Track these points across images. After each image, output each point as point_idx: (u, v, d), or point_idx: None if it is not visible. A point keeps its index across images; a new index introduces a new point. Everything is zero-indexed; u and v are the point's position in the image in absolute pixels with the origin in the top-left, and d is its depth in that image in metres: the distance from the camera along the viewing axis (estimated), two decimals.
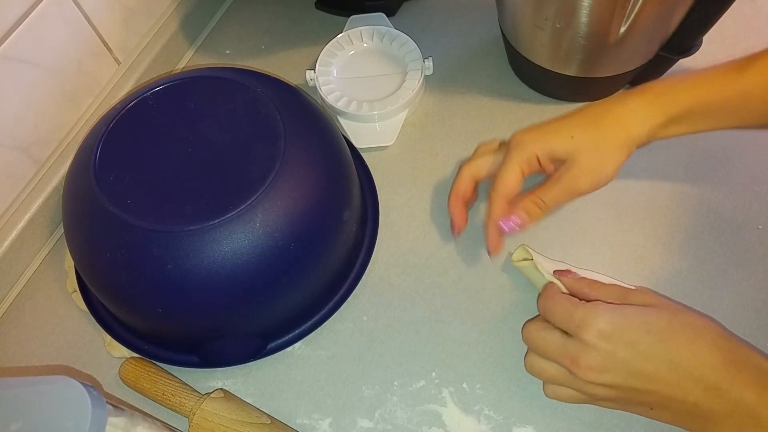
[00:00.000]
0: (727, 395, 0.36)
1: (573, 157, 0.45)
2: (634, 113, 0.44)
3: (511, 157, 0.46)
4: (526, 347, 0.43)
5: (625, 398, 0.39)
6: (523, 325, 0.44)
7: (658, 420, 0.40)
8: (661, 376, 0.37)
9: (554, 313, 0.41)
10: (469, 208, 0.52)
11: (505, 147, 0.49)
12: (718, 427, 0.37)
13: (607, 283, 0.45)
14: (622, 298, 0.42)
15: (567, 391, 0.41)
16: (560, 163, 0.46)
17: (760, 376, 0.36)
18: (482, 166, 0.50)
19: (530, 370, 0.43)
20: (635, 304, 0.40)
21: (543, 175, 0.49)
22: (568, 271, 0.47)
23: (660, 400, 0.38)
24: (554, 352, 0.40)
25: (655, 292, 0.41)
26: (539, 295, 0.44)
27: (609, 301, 0.41)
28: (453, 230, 0.51)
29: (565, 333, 0.40)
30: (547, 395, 0.42)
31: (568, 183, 0.45)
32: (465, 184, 0.50)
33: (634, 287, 0.42)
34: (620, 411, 0.42)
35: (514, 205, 0.47)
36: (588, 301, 0.41)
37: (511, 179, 0.46)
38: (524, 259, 0.49)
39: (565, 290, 0.44)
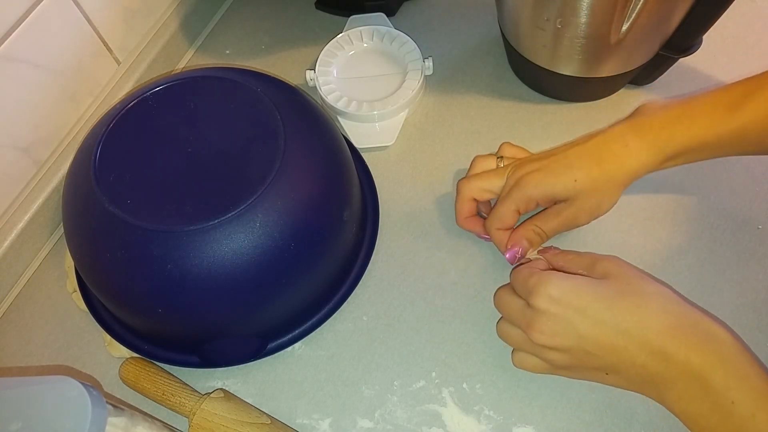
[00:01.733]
0: (674, 359, 0.37)
1: (574, 197, 0.46)
2: (635, 155, 0.45)
3: (510, 197, 0.48)
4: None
5: (579, 364, 0.41)
6: (495, 290, 0.46)
7: (614, 386, 0.41)
8: (609, 341, 0.39)
9: (515, 281, 0.44)
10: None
11: (503, 165, 0.51)
12: (668, 391, 0.38)
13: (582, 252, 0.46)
14: (589, 267, 0.43)
15: (530, 358, 0.43)
16: (558, 201, 0.48)
17: (707, 339, 0.37)
18: (481, 188, 0.50)
19: (499, 333, 0.45)
20: (596, 275, 0.42)
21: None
22: (550, 248, 0.49)
23: (612, 365, 0.39)
24: (514, 317, 0.43)
25: (626, 263, 0.42)
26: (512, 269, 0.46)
27: (575, 271, 0.44)
28: (482, 239, 0.53)
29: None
30: (514, 364, 0.44)
31: (568, 218, 0.47)
32: (467, 207, 0.51)
33: (606, 256, 0.43)
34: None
35: (514, 233, 0.48)
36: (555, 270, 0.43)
37: (508, 217, 0.48)
38: None
39: (545, 265, 0.46)
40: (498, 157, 0.52)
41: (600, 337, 0.39)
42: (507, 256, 0.48)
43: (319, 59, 0.62)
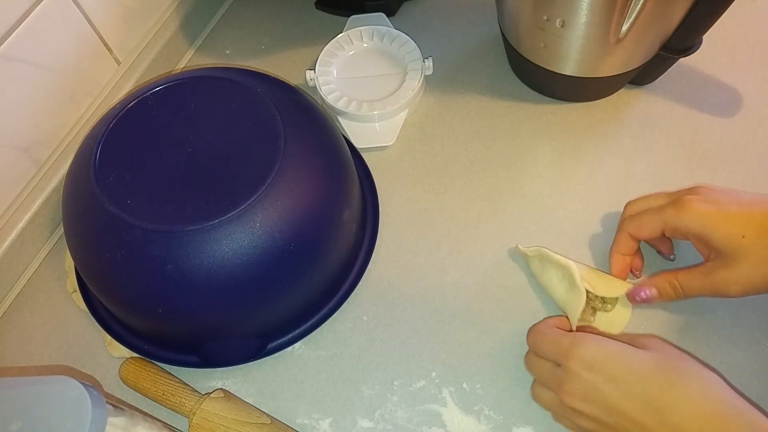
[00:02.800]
0: None
1: (734, 258, 0.40)
2: None
3: (660, 214, 0.43)
4: (527, 348, 0.44)
5: (611, 429, 0.38)
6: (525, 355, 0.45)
7: None
8: (638, 417, 0.36)
9: (543, 346, 0.42)
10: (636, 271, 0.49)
11: (670, 194, 0.45)
12: None
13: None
14: (630, 339, 0.40)
15: (563, 419, 0.41)
16: (714, 251, 0.42)
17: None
18: (644, 227, 0.45)
19: (533, 396, 0.43)
20: (637, 344, 0.39)
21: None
22: (589, 326, 0.46)
23: None
24: (546, 378, 0.41)
25: (664, 341, 0.40)
26: (529, 329, 0.45)
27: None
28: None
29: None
30: (555, 419, 0.43)
31: (718, 284, 0.41)
32: (627, 245, 0.47)
33: (647, 335, 0.41)
34: None
35: (651, 279, 0.45)
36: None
37: (648, 228, 0.44)
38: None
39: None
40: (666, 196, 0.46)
41: (630, 411, 0.36)
42: (633, 293, 0.45)
43: (319, 59, 0.62)
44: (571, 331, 0.44)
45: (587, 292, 0.45)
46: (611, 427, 0.38)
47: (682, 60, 0.55)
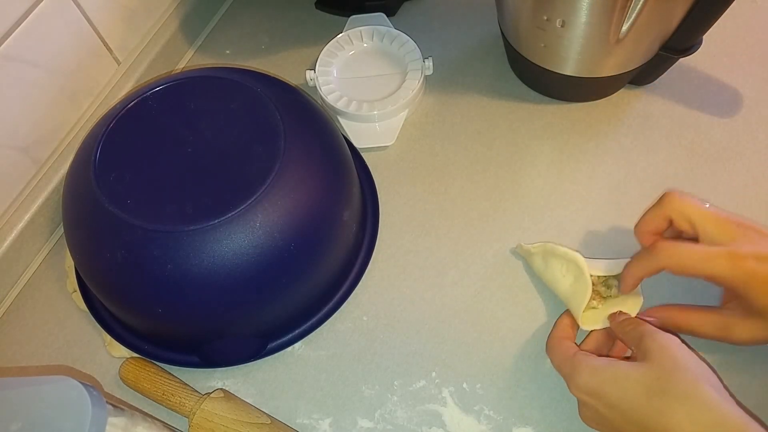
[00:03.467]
0: None
1: (756, 319, 0.40)
2: None
3: (713, 260, 0.40)
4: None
5: None
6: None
7: None
8: None
9: (553, 355, 0.44)
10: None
11: (723, 218, 0.41)
12: None
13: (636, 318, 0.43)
14: (637, 342, 0.40)
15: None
16: (742, 304, 0.41)
17: None
18: (687, 269, 0.41)
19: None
20: (639, 353, 0.39)
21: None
22: (617, 313, 0.45)
23: None
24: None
25: (674, 344, 0.38)
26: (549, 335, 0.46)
27: (627, 342, 0.42)
28: None
29: None
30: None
31: (729, 338, 0.42)
32: (658, 223, 0.44)
33: (656, 334, 0.40)
34: None
35: (660, 311, 0.44)
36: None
37: (687, 266, 0.41)
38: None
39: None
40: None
41: None
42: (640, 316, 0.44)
43: (319, 59, 0.62)
44: (578, 325, 0.46)
45: (591, 277, 0.45)
46: None
47: (682, 60, 0.55)
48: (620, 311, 0.45)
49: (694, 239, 0.42)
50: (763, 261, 0.38)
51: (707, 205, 0.43)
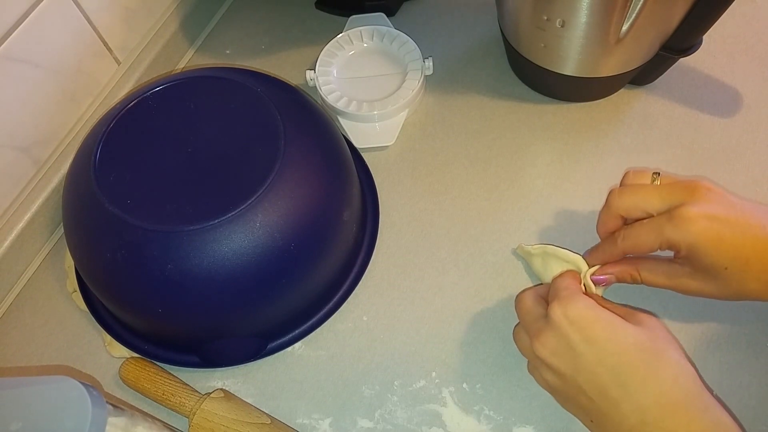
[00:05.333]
0: None
1: (704, 278, 0.41)
2: None
3: (662, 229, 0.40)
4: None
5: (568, 394, 0.38)
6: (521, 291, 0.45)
7: None
8: (604, 387, 0.36)
9: (554, 284, 0.42)
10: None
11: (668, 192, 0.41)
12: None
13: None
14: (628, 314, 0.40)
15: (533, 371, 0.42)
16: (689, 262, 0.41)
17: (715, 430, 0.34)
18: (635, 206, 0.42)
19: (514, 335, 0.44)
20: (631, 321, 0.38)
21: None
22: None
23: (598, 413, 0.36)
24: (527, 320, 0.41)
25: (662, 326, 0.39)
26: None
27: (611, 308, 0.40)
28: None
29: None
30: (528, 370, 0.43)
31: (679, 288, 0.42)
32: (612, 223, 0.44)
33: (646, 315, 0.40)
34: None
35: (615, 265, 0.44)
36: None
37: (645, 248, 0.41)
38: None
39: (589, 279, 0.45)
40: (654, 173, 0.44)
41: (596, 378, 0.36)
42: (593, 278, 0.44)
43: (319, 59, 0.62)
44: None
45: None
46: (573, 387, 0.37)
47: (682, 60, 0.55)
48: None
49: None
50: (713, 220, 0.38)
51: (657, 176, 0.43)
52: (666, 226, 0.39)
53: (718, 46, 0.61)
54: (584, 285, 0.44)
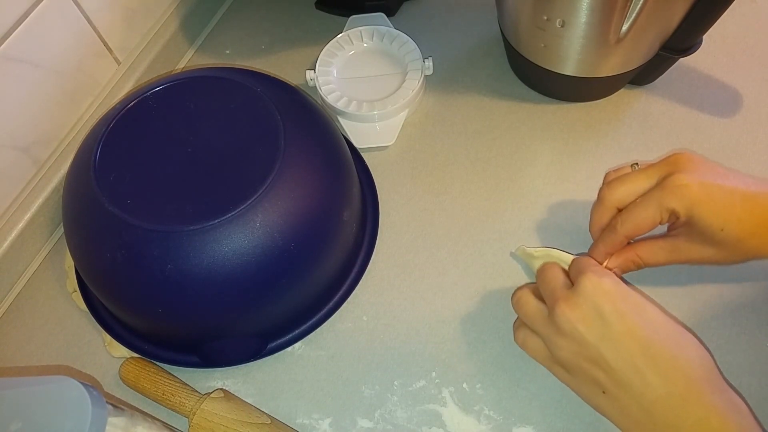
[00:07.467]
0: (693, 408, 0.35)
1: (702, 242, 0.42)
2: None
3: (659, 200, 0.41)
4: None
5: (582, 368, 0.38)
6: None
7: (601, 411, 0.39)
8: (631, 357, 0.36)
9: (578, 262, 0.41)
10: None
11: (653, 170, 0.43)
12: None
13: None
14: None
15: (534, 340, 0.41)
16: (686, 227, 0.42)
17: (733, 408, 0.35)
18: (629, 191, 0.43)
19: (516, 299, 0.43)
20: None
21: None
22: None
23: (617, 384, 0.37)
24: (548, 290, 0.40)
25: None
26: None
27: None
28: None
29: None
30: (516, 340, 0.43)
31: (681, 259, 0.43)
32: (607, 217, 0.45)
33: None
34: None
35: (614, 259, 0.45)
36: None
37: (646, 224, 0.42)
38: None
39: None
40: (633, 165, 0.45)
41: (623, 348, 0.36)
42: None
43: (319, 59, 0.62)
44: None
45: None
46: (591, 357, 0.37)
47: (682, 60, 0.55)
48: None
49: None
50: (701, 184, 0.40)
51: (636, 166, 0.44)
52: (662, 195, 0.41)
53: (718, 46, 0.61)
54: None
